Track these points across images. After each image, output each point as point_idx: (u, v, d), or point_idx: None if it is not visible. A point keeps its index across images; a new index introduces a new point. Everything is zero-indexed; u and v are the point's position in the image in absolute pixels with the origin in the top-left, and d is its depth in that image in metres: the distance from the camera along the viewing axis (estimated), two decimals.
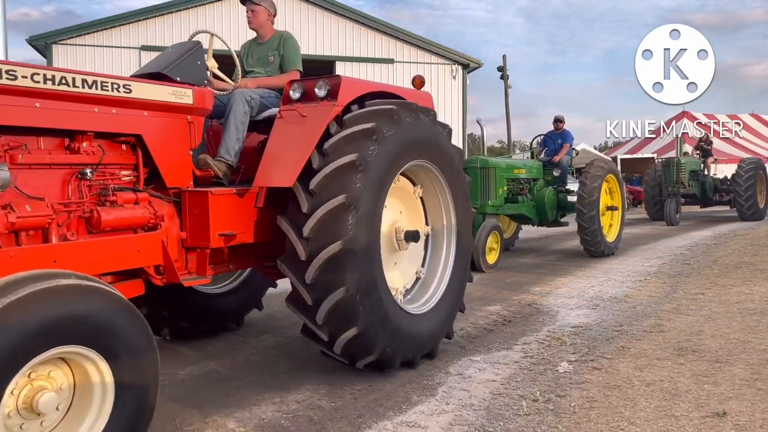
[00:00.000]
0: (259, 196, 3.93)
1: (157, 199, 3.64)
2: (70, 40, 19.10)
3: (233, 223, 3.81)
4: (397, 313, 4.03)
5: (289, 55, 4.80)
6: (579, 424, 3.32)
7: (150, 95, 3.52)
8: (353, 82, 4.13)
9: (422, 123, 4.28)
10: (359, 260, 3.67)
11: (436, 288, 4.62)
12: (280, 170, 3.78)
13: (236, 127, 4.14)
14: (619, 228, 10.73)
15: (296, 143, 3.85)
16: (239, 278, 5.36)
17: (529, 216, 10.21)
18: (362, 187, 3.69)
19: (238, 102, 4.17)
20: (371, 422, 3.38)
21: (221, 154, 4.07)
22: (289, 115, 3.98)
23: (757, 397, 3.64)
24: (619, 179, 10.88)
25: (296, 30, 21.08)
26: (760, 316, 5.65)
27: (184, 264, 3.78)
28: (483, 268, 8.62)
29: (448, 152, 4.57)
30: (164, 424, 3.39)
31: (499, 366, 4.36)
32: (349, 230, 3.62)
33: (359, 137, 3.78)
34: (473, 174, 9.17)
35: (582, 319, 5.74)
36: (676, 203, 16.21)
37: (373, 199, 3.79)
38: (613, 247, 10.33)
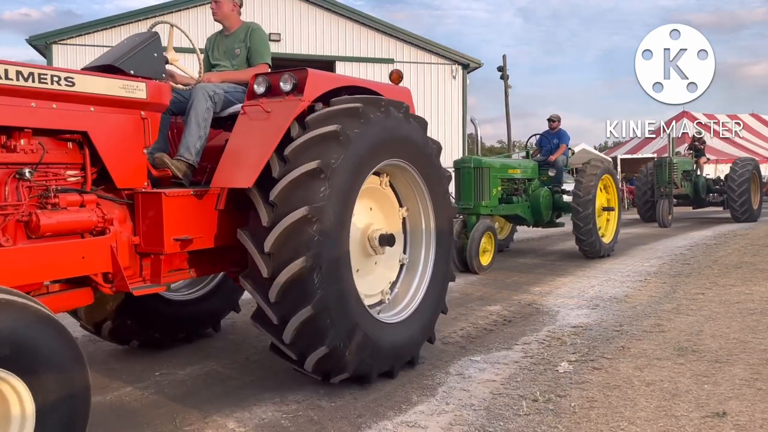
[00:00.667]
0: (219, 198, 3.68)
1: (107, 202, 3.38)
2: (70, 40, 19.11)
3: (190, 227, 3.55)
4: (371, 325, 3.79)
5: (256, 48, 4.56)
6: (579, 424, 3.32)
7: (96, 89, 3.25)
8: (321, 75, 3.86)
9: (393, 119, 3.99)
10: (325, 276, 3.42)
11: (416, 290, 4.40)
12: (240, 170, 3.54)
13: (197, 124, 3.89)
14: (616, 229, 10.58)
15: (258, 141, 3.60)
16: (213, 282, 5.12)
17: (524, 217, 10.09)
18: (326, 197, 3.42)
19: (200, 97, 3.93)
20: (371, 422, 3.38)
21: (181, 152, 3.83)
22: (253, 111, 3.73)
23: (757, 397, 3.63)
24: (616, 179, 10.74)
25: (296, 30, 21.14)
26: (760, 316, 5.65)
27: (137, 271, 3.51)
28: (477, 269, 8.52)
29: (423, 148, 4.30)
30: (164, 424, 3.39)
31: (499, 366, 4.36)
32: (313, 245, 3.36)
33: (322, 141, 3.51)
34: (467, 174, 9.12)
35: (582, 319, 5.74)
36: (668, 204, 15.80)
37: (340, 208, 3.53)
38: (609, 248, 10.19)
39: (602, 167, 10.14)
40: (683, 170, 16.69)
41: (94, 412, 3.61)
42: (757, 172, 17.28)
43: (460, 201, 9.17)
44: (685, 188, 16.74)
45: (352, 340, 3.61)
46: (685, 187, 16.73)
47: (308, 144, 3.50)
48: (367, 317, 3.81)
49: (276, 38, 20.71)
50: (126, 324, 4.51)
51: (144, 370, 4.35)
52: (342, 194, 3.55)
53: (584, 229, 9.56)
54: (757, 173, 17.29)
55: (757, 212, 16.97)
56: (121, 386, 4.02)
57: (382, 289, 4.31)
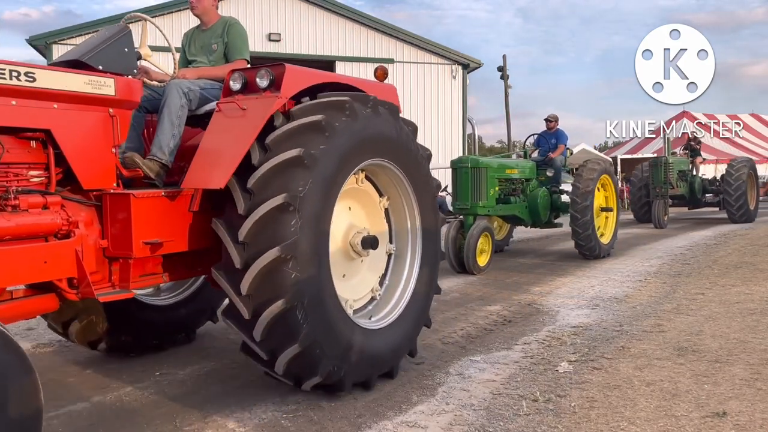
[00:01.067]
0: (194, 199, 3.52)
1: (73, 203, 3.20)
2: (71, 40, 19.10)
3: (162, 230, 3.38)
4: (348, 328, 3.59)
5: (234, 43, 4.38)
6: (579, 424, 3.32)
7: (59, 85, 3.08)
8: (300, 71, 3.69)
9: (381, 118, 3.85)
10: (302, 268, 3.25)
11: (399, 300, 4.18)
12: (212, 170, 3.37)
13: (171, 122, 3.72)
14: (614, 229, 10.52)
15: (232, 139, 3.44)
16: (191, 288, 4.91)
17: (521, 217, 10.02)
18: (307, 187, 3.28)
19: (174, 94, 3.77)
20: (371, 422, 3.38)
21: (153, 152, 3.66)
22: (228, 109, 3.56)
23: (757, 397, 3.64)
24: (614, 180, 10.65)
25: (296, 30, 21.14)
26: (760, 316, 5.65)
27: (106, 276, 3.33)
28: (474, 270, 8.48)
29: (411, 151, 4.14)
30: (164, 424, 3.39)
31: (499, 366, 4.36)
32: (290, 234, 3.20)
33: (306, 131, 3.38)
34: (464, 174, 9.07)
35: (582, 319, 5.74)
36: (663, 205, 15.54)
37: (321, 199, 3.37)
38: (608, 248, 10.14)
39: (600, 168, 10.07)
40: (679, 170, 16.54)
41: (95, 412, 3.62)
42: (754, 172, 17.11)
43: (457, 201, 9.13)
44: (681, 188, 16.59)
45: (327, 341, 3.42)
46: (681, 188, 16.58)
47: (292, 133, 3.37)
48: (344, 319, 3.61)
49: (276, 38, 20.71)
50: (95, 326, 4.33)
51: (144, 370, 4.35)
52: (324, 185, 3.40)
53: (583, 235, 9.54)
54: (754, 173, 17.12)
55: (753, 213, 16.77)
56: (121, 386, 4.03)
57: (372, 287, 4.17)
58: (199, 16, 4.55)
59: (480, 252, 8.62)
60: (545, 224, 10.47)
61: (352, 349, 3.60)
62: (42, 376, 4.15)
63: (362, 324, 3.82)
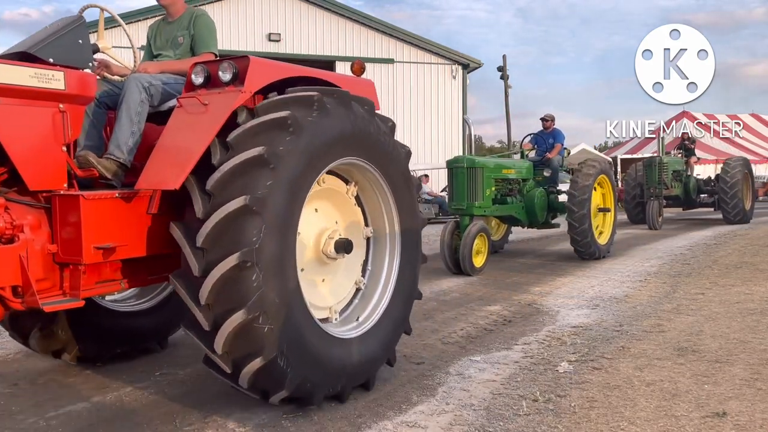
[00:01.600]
0: (152, 201, 3.26)
1: (18, 206, 2.99)
2: None
3: (116, 233, 3.16)
4: (317, 337, 3.36)
5: (200, 35, 4.12)
6: (579, 424, 3.32)
7: (1, 78, 2.89)
8: (266, 64, 3.50)
9: (354, 114, 3.58)
10: (265, 276, 3.01)
11: (376, 306, 3.94)
12: (168, 169, 3.15)
13: (130, 119, 3.48)
14: (612, 230, 10.39)
15: (191, 137, 3.21)
16: (163, 293, 4.68)
17: (518, 218, 9.92)
18: (271, 188, 3.05)
19: (133, 89, 3.52)
20: (371, 422, 3.38)
21: (111, 150, 3.42)
22: (189, 104, 3.33)
23: (757, 397, 3.63)
24: (612, 180, 10.49)
25: (296, 30, 21.15)
26: (760, 316, 5.65)
27: (56, 283, 3.12)
28: (469, 271, 8.39)
29: (388, 150, 3.89)
30: (164, 424, 3.39)
31: (499, 366, 4.36)
32: (252, 239, 2.97)
33: (270, 128, 3.14)
34: (460, 174, 8.96)
35: (582, 319, 5.74)
36: (658, 205, 15.20)
37: (286, 202, 3.14)
38: (605, 249, 10.00)
39: (598, 168, 9.97)
40: (673, 170, 16.30)
41: (95, 412, 3.63)
42: (749, 172, 16.87)
43: (453, 201, 9.07)
44: (675, 189, 16.35)
45: (294, 352, 3.18)
46: (675, 188, 16.34)
47: (255, 130, 3.14)
48: (313, 328, 3.36)
49: (276, 38, 20.73)
50: (56, 334, 4.09)
51: (144, 370, 4.35)
52: (289, 187, 3.15)
53: (579, 229, 9.39)
54: (749, 173, 16.87)
55: (749, 213, 16.49)
56: (121, 386, 4.02)
57: (355, 279, 4.00)
58: (166, 7, 4.29)
59: (476, 253, 8.53)
60: (542, 225, 10.36)
61: (323, 360, 3.36)
62: (42, 376, 4.19)
63: (334, 333, 3.57)
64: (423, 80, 22.54)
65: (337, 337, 3.56)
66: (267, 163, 3.05)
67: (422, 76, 22.54)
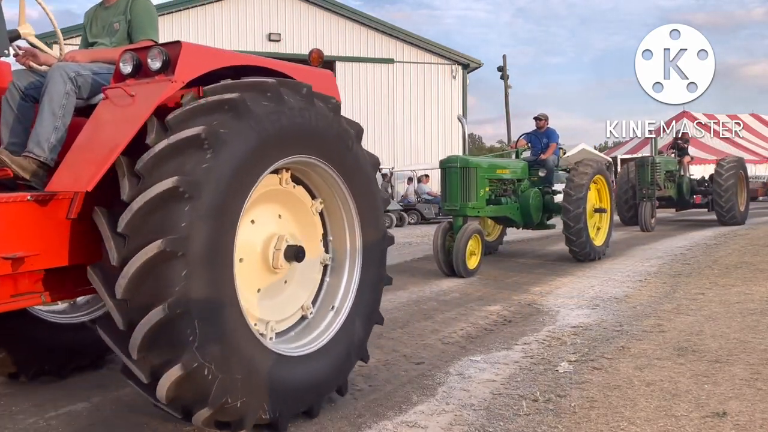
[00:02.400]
0: (73, 204, 2.82)
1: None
2: (71, 39, 19.07)
3: (28, 241, 2.76)
4: (254, 350, 2.94)
5: (138, 21, 3.70)
6: (579, 424, 3.32)
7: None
8: (201, 51, 3.16)
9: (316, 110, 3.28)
10: (193, 269, 2.64)
11: (330, 324, 3.53)
12: (83, 168, 2.82)
13: (53, 113, 3.11)
14: (608, 231, 10.20)
15: (111, 132, 2.88)
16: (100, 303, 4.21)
17: (513, 218, 9.78)
18: (207, 172, 2.72)
19: (56, 80, 3.16)
20: (371, 422, 3.38)
21: (30, 148, 3.07)
22: (116, 95, 2.99)
23: (757, 397, 3.63)
24: (608, 180, 10.32)
25: (296, 30, 21.15)
26: (760, 316, 5.65)
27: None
28: (463, 273, 8.25)
29: (353, 154, 3.54)
30: (164, 424, 3.39)
31: (499, 366, 4.36)
32: (180, 226, 2.64)
33: (183, 149, 2.73)
34: (453, 174, 8.79)
35: (582, 319, 5.74)
36: (651, 207, 14.78)
37: (225, 190, 2.79)
38: (601, 251, 9.81)
39: (595, 167, 9.80)
40: (666, 170, 15.92)
41: (95, 412, 3.62)
42: (744, 172, 16.35)
43: (446, 202, 8.90)
44: (668, 189, 15.98)
45: (223, 364, 2.77)
46: (668, 189, 15.98)
47: (165, 154, 2.72)
48: (250, 338, 2.96)
49: (276, 38, 20.73)
50: None
51: None
52: (230, 174, 2.82)
53: (575, 228, 9.21)
54: (744, 173, 16.36)
55: (743, 215, 16.03)
56: (121, 386, 4.02)
57: (302, 304, 3.57)
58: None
59: (470, 254, 8.40)
60: (537, 226, 10.21)
61: (257, 378, 2.93)
62: (42, 376, 4.18)
63: (274, 348, 3.14)
64: (423, 80, 22.55)
65: (277, 353, 3.13)
66: (203, 143, 2.73)
67: (422, 76, 22.55)
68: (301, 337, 3.48)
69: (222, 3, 20.36)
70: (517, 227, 10.25)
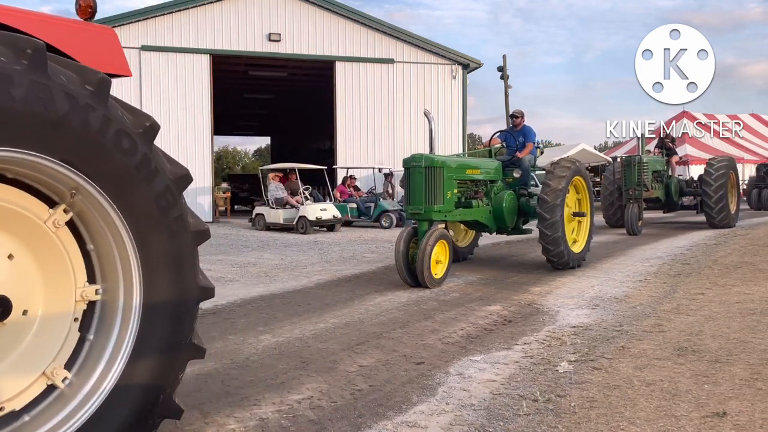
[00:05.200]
0: None
1: None
2: None
3: None
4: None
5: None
6: (579, 424, 3.32)
7: None
8: None
9: (56, 85, 2.14)
10: None
11: (82, 405, 2.43)
12: None
13: None
14: (588, 236, 9.41)
15: None
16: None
17: (484, 223, 8.97)
18: None
19: None
20: (371, 422, 3.38)
21: None
22: None
23: (757, 397, 3.64)
24: (588, 182, 9.48)
25: (296, 30, 21.16)
26: (760, 316, 5.65)
27: None
28: (428, 283, 7.42)
29: (127, 159, 2.38)
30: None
31: (499, 366, 4.36)
32: None
33: None
34: (417, 174, 7.88)
35: (582, 319, 5.74)
36: (638, 209, 14.05)
37: None
38: (580, 257, 9.04)
39: (572, 168, 8.95)
40: (654, 170, 15.18)
41: None
42: (735, 172, 15.74)
43: (410, 205, 7.99)
44: (656, 190, 15.22)
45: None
46: (656, 190, 15.22)
47: None
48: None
49: (276, 38, 20.73)
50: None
51: None
52: None
53: (551, 237, 8.43)
54: (735, 173, 15.76)
55: (734, 217, 15.40)
56: None
57: (44, 368, 2.43)
58: None
59: (435, 262, 7.60)
60: (512, 231, 9.44)
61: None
62: None
63: None
64: (423, 80, 22.54)
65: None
66: None
67: (422, 76, 22.54)
68: (52, 415, 2.41)
69: (222, 3, 20.35)
70: (490, 232, 9.51)
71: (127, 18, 19.56)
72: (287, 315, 6.12)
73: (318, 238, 14.63)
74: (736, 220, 15.57)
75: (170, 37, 19.94)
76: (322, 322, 5.79)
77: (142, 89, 19.30)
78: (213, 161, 21.46)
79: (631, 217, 13.93)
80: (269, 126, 44.45)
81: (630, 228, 13.90)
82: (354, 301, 6.77)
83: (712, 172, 14.84)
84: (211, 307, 6.31)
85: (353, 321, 5.83)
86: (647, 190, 14.68)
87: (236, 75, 24.71)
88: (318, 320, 5.86)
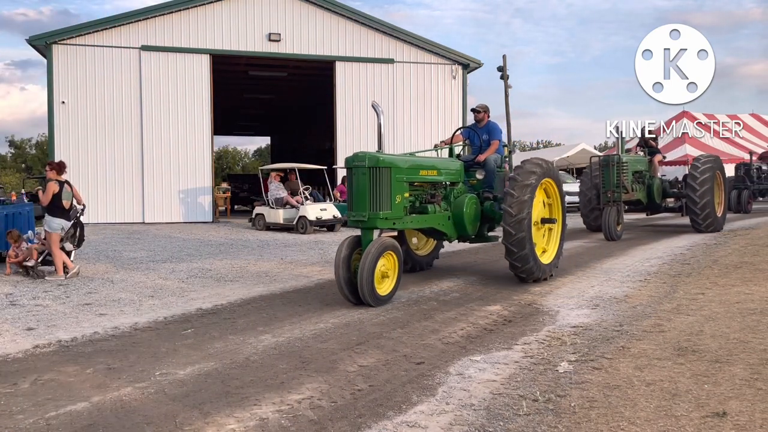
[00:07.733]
0: None
1: None
2: (70, 40, 19.10)
3: None
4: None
5: None
6: (579, 424, 3.32)
7: None
8: None
9: None
10: None
11: None
12: None
13: None
14: (559, 245, 8.42)
15: None
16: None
17: (442, 230, 7.82)
18: None
19: None
20: (371, 422, 3.38)
21: None
22: None
23: (757, 397, 3.64)
24: (559, 184, 8.41)
25: (296, 30, 21.17)
26: (760, 316, 5.65)
27: None
28: (370, 301, 6.38)
29: None
30: (164, 424, 3.39)
31: (499, 366, 4.36)
32: None
33: None
34: (360, 176, 6.73)
35: (582, 319, 5.74)
36: (616, 212, 12.93)
37: None
38: (549, 268, 8.03)
39: (540, 171, 7.82)
40: (634, 171, 14.01)
41: (95, 412, 3.63)
42: (722, 172, 14.67)
43: (352, 211, 6.82)
44: (637, 192, 14.04)
45: None
46: (637, 191, 14.04)
47: None
48: None
49: (276, 38, 20.73)
50: None
51: (144, 370, 4.35)
52: None
53: (516, 237, 7.42)
54: (722, 173, 14.68)
55: (721, 220, 14.32)
56: (121, 386, 4.03)
57: None
58: None
59: (381, 277, 6.58)
60: (476, 238, 8.36)
61: None
62: (42, 376, 4.18)
63: None
64: (423, 80, 22.54)
65: None
66: None
67: (422, 76, 22.54)
68: None
69: (222, 3, 20.34)
70: (450, 240, 8.36)
71: (127, 18, 19.55)
72: (287, 315, 6.13)
73: (318, 238, 14.63)
74: (723, 224, 14.53)
75: (170, 37, 19.92)
76: (322, 322, 5.80)
77: (142, 89, 19.30)
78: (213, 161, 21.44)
79: (609, 222, 12.78)
80: (269, 126, 44.46)
81: (608, 233, 12.75)
82: None
83: (697, 174, 13.75)
84: (211, 307, 6.31)
85: (353, 321, 5.83)
86: (627, 192, 13.54)
87: (236, 75, 24.70)
88: (318, 320, 5.86)
